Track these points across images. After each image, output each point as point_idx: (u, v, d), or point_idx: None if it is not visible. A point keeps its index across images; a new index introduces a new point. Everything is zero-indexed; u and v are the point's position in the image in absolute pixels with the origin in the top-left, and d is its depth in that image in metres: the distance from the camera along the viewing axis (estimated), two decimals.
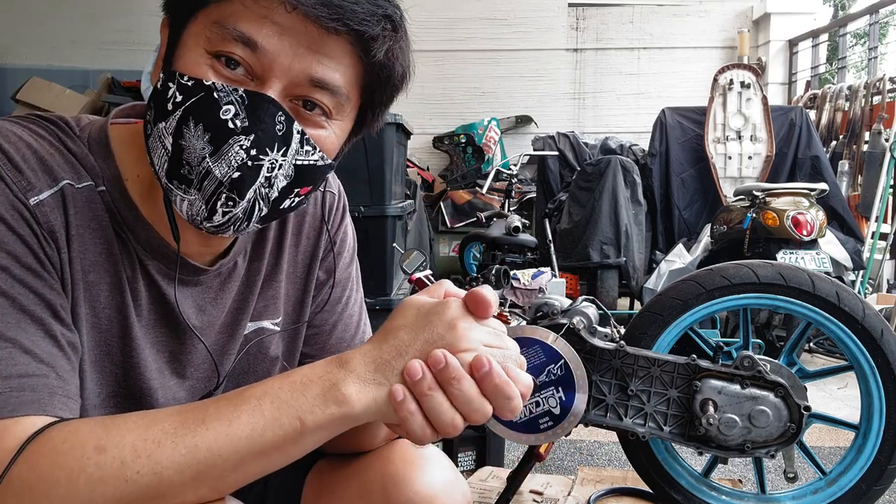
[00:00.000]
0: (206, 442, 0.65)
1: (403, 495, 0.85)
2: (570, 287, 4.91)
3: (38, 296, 0.70)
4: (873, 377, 1.56)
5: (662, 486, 1.66)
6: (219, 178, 0.71)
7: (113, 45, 7.31)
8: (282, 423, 0.67)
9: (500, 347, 0.71)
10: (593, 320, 1.54)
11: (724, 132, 5.24)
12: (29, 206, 0.70)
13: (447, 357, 0.67)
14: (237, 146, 0.71)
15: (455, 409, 0.68)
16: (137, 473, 0.64)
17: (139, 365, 0.81)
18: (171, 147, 0.72)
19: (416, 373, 0.67)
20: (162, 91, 0.73)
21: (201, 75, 0.71)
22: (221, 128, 0.71)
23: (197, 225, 0.75)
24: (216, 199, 0.73)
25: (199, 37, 0.73)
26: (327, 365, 0.70)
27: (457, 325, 0.69)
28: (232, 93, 0.71)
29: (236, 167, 0.72)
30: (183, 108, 0.71)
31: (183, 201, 0.74)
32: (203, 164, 0.71)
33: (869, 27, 6.21)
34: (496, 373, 0.68)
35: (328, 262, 0.98)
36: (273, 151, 0.73)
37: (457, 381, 0.67)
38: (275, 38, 0.71)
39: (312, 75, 0.73)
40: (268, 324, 0.93)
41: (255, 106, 0.71)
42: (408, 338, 0.70)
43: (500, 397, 0.69)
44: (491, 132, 7.18)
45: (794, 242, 3.83)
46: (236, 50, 0.71)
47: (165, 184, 0.74)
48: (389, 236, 3.32)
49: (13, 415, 0.65)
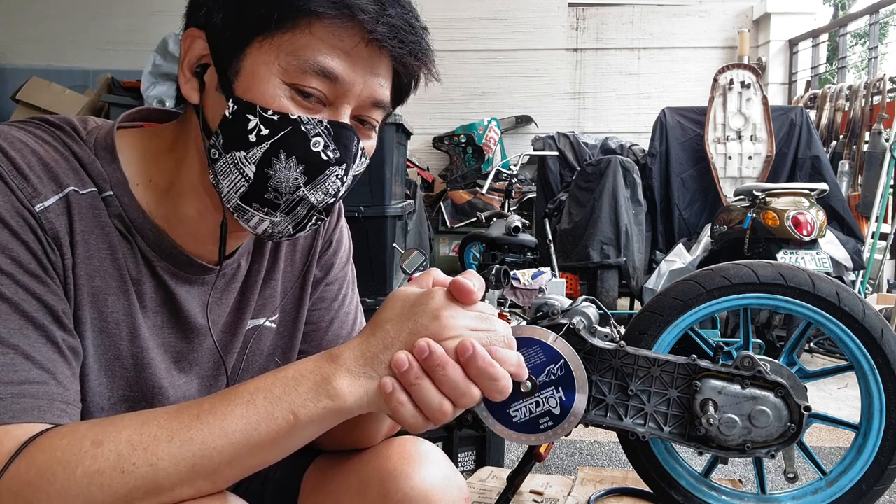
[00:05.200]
0: (201, 435, 0.67)
1: (400, 491, 0.86)
2: (570, 287, 4.91)
3: (40, 302, 0.70)
4: (873, 377, 1.56)
5: (662, 486, 1.66)
6: (314, 203, 0.78)
7: (113, 45, 7.31)
8: (275, 417, 0.69)
9: (487, 330, 0.73)
10: (593, 320, 1.54)
11: (725, 132, 5.24)
12: (34, 213, 0.71)
13: (431, 345, 0.70)
14: (333, 176, 0.78)
15: (443, 395, 0.70)
16: (134, 465, 0.65)
17: (149, 365, 0.82)
18: (253, 175, 0.76)
19: (402, 364, 0.69)
20: (237, 121, 0.75)
21: (285, 109, 0.75)
22: (316, 160, 0.76)
23: (272, 238, 0.81)
24: (307, 221, 0.80)
25: (270, 66, 0.74)
26: (318, 360, 0.72)
27: (440, 314, 0.72)
28: (317, 125, 0.76)
29: (333, 194, 0.79)
30: (271, 141, 0.75)
31: (263, 221, 0.79)
32: (297, 193, 0.77)
33: (869, 27, 6.21)
34: (479, 355, 0.70)
35: (325, 261, 1.00)
36: (351, 171, 0.80)
37: (441, 368, 0.70)
38: (349, 69, 0.76)
39: (375, 98, 0.79)
40: (265, 321, 0.96)
41: (339, 136, 0.77)
42: (394, 330, 0.72)
43: (485, 379, 0.71)
44: (491, 132, 7.18)
45: (795, 242, 3.83)
46: (315, 82, 0.75)
47: (237, 205, 0.78)
48: (389, 236, 3.32)
49: (13, 421, 0.66)
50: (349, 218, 1.06)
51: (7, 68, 6.99)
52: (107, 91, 4.63)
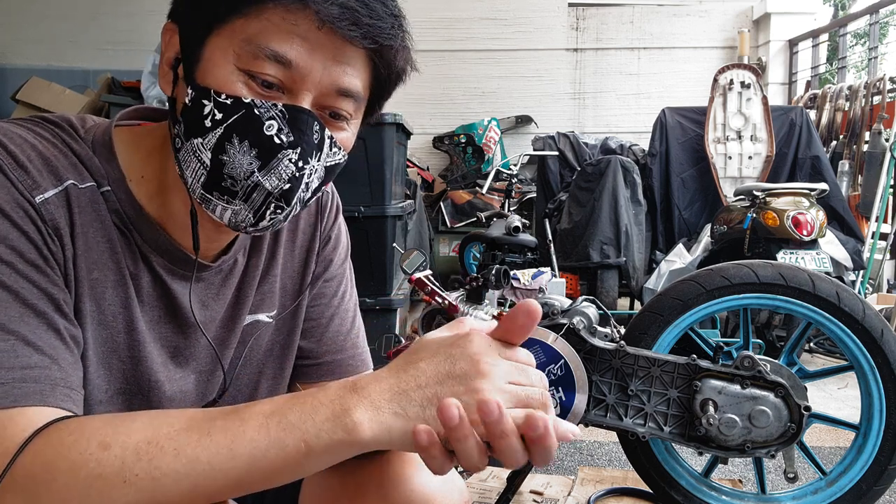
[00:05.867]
0: (208, 455, 0.65)
1: (401, 494, 0.86)
2: (570, 287, 4.91)
3: (41, 290, 0.71)
4: (873, 377, 1.56)
5: (662, 486, 1.66)
6: (269, 189, 0.75)
7: (113, 45, 7.30)
8: (286, 444, 0.66)
9: (526, 385, 0.68)
10: (593, 320, 1.54)
11: (725, 132, 5.24)
12: (34, 204, 0.72)
13: (502, 410, 0.64)
14: (286, 160, 0.75)
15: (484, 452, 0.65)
16: (136, 476, 0.64)
17: (146, 359, 0.83)
18: (209, 162, 0.75)
19: (453, 418, 0.63)
20: (194, 107, 0.75)
21: (237, 92, 0.74)
22: (268, 143, 0.74)
23: (239, 229, 0.79)
24: (265, 209, 0.77)
25: (226, 52, 0.74)
26: (340, 389, 0.68)
27: (479, 360, 0.67)
28: (271, 108, 0.74)
29: (287, 179, 0.76)
30: (224, 125, 0.74)
31: (225, 210, 0.77)
32: (252, 178, 0.75)
33: (869, 27, 6.21)
34: (549, 435, 0.65)
35: (324, 256, 1.01)
36: (313, 159, 0.77)
37: (505, 436, 0.64)
38: (306, 55, 0.74)
39: (340, 86, 0.77)
40: (263, 317, 0.96)
41: (295, 119, 0.75)
42: (429, 369, 0.67)
43: (541, 450, 0.66)
44: (491, 132, 7.18)
45: (795, 242, 3.83)
46: (269, 68, 0.73)
47: (201, 194, 0.77)
48: (389, 236, 3.32)
49: (16, 405, 0.66)
50: (349, 218, 1.06)
51: (7, 68, 6.99)
52: (107, 91, 4.64)
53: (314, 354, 1.01)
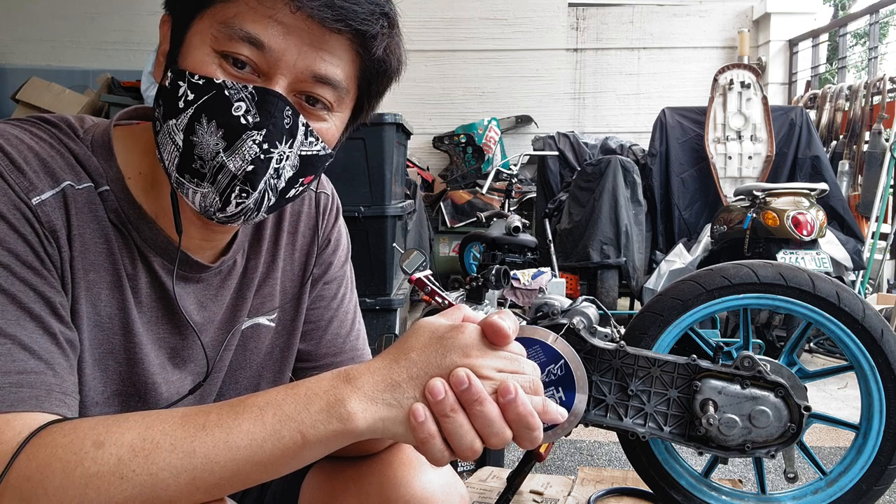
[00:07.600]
0: (205, 448, 0.65)
1: (401, 497, 0.86)
2: (570, 287, 4.91)
3: (37, 293, 0.71)
4: (873, 377, 1.56)
5: (662, 486, 1.65)
6: (233, 171, 0.74)
7: (113, 45, 7.31)
8: (282, 435, 0.66)
9: (517, 373, 0.70)
10: (593, 320, 1.54)
11: (725, 132, 5.24)
12: (31, 206, 0.72)
13: (470, 377, 0.67)
14: (250, 141, 0.74)
15: (475, 431, 0.67)
16: (133, 472, 0.64)
17: (142, 361, 0.82)
18: (182, 143, 0.74)
19: (438, 392, 0.66)
20: (171, 89, 0.75)
21: (210, 73, 0.74)
22: (234, 124, 0.73)
23: (210, 216, 0.77)
24: (230, 192, 0.75)
25: (204, 35, 0.74)
26: (333, 379, 0.69)
27: (471, 352, 0.69)
28: (242, 90, 0.73)
29: (250, 160, 0.74)
30: (195, 105, 0.73)
31: (196, 194, 0.76)
32: (217, 159, 0.74)
33: (869, 27, 6.21)
34: (521, 402, 0.67)
35: (323, 259, 1.00)
36: (282, 144, 0.76)
37: (479, 403, 0.67)
38: (280, 38, 0.73)
39: (316, 72, 0.76)
40: (263, 320, 0.95)
41: (264, 101, 0.74)
42: (420, 360, 0.69)
43: (521, 426, 0.68)
44: (491, 132, 7.18)
45: (795, 242, 3.83)
46: (243, 49, 0.73)
47: (176, 178, 0.76)
48: (389, 236, 3.32)
49: (11, 410, 0.66)
50: (349, 218, 1.06)
51: (7, 68, 6.99)
52: (107, 91, 4.64)
53: (313, 357, 1.01)
